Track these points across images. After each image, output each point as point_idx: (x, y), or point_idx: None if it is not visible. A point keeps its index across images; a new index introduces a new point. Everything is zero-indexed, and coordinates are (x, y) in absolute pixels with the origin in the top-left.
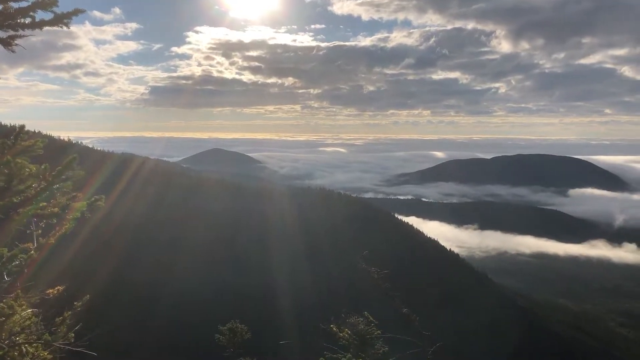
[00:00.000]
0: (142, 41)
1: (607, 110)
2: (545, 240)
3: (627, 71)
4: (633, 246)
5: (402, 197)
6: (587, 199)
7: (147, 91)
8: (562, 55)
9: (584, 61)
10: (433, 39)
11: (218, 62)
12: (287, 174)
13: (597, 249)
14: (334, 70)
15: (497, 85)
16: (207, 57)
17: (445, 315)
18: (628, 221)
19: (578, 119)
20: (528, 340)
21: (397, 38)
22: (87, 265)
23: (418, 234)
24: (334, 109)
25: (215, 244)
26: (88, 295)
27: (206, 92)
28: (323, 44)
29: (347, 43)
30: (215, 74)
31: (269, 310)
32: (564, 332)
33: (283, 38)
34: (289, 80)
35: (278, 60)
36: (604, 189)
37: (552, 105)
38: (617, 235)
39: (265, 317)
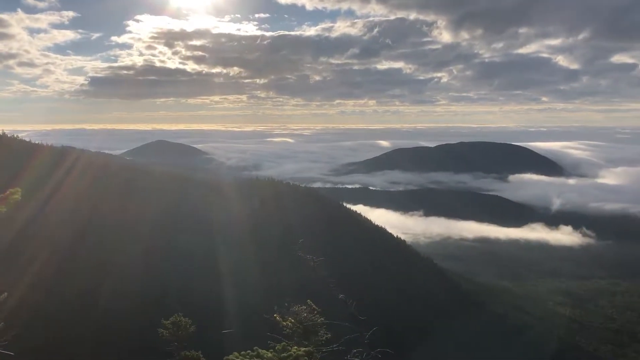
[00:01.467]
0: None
1: (544, 98)
2: (487, 225)
3: (561, 60)
4: (569, 228)
5: (350, 186)
6: (526, 184)
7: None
8: (500, 45)
9: (522, 51)
10: (377, 29)
11: (160, 52)
12: (235, 165)
13: (536, 232)
14: (280, 59)
15: (439, 74)
16: (149, 47)
17: (392, 301)
18: (564, 205)
19: (517, 107)
20: (473, 322)
21: (341, 28)
22: (24, 262)
23: (366, 222)
24: (281, 99)
25: (159, 238)
26: (6, 294)
27: (149, 82)
28: (268, 34)
29: (292, 32)
30: (157, 64)
31: (215, 303)
32: (507, 313)
33: (227, 27)
34: (234, 70)
35: (222, 50)
36: (541, 174)
37: (492, 94)
38: (554, 218)
39: (211, 309)
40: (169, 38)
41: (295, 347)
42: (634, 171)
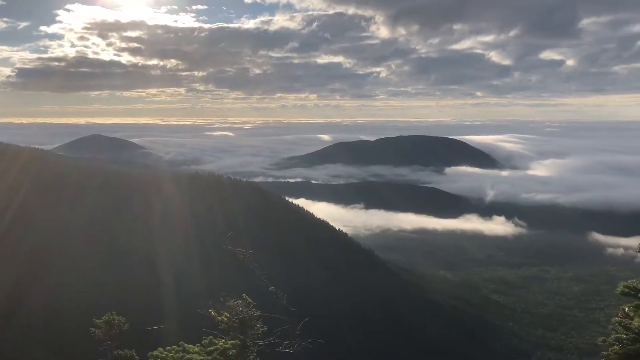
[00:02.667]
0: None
1: (478, 93)
2: (425, 216)
3: (494, 56)
4: (502, 219)
5: (291, 180)
6: (462, 176)
7: (14, 73)
8: (436, 40)
9: (456, 47)
10: (316, 23)
11: (94, 43)
12: (173, 159)
13: (471, 223)
14: (219, 52)
15: (378, 69)
16: (81, 38)
17: (335, 292)
18: (497, 196)
19: (452, 102)
20: (413, 311)
21: (280, 21)
22: None
23: (307, 215)
24: (221, 92)
25: (94, 235)
26: None
27: (81, 74)
28: (206, 26)
29: (230, 25)
30: (90, 56)
31: (152, 300)
32: (445, 302)
33: (163, 18)
34: (172, 63)
35: (159, 42)
36: (476, 166)
37: (429, 89)
38: (488, 209)
39: (147, 306)
40: (103, 29)
41: (223, 340)
42: (562, 163)
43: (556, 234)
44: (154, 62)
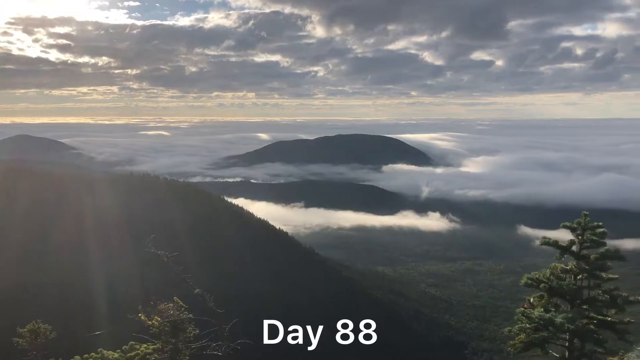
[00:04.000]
0: None
1: (413, 93)
2: (363, 213)
3: (427, 57)
4: (437, 214)
5: (230, 180)
6: (398, 174)
7: None
8: (371, 40)
9: (391, 47)
10: (252, 22)
11: (18, 39)
12: (106, 160)
13: (407, 219)
14: (152, 50)
15: (316, 68)
16: (5, 33)
17: (276, 291)
18: (432, 192)
19: (389, 101)
20: (354, 307)
21: (215, 19)
22: None
23: (247, 215)
24: (155, 91)
25: (22, 238)
26: None
27: (6, 72)
28: (139, 23)
29: (164, 22)
30: (15, 52)
31: (81, 305)
32: (384, 297)
33: (94, 14)
34: (103, 60)
35: (89, 38)
36: (412, 164)
37: (365, 88)
38: (423, 206)
39: (77, 313)
40: (28, 24)
41: (145, 345)
42: (492, 160)
43: (488, 229)
44: (84, 59)
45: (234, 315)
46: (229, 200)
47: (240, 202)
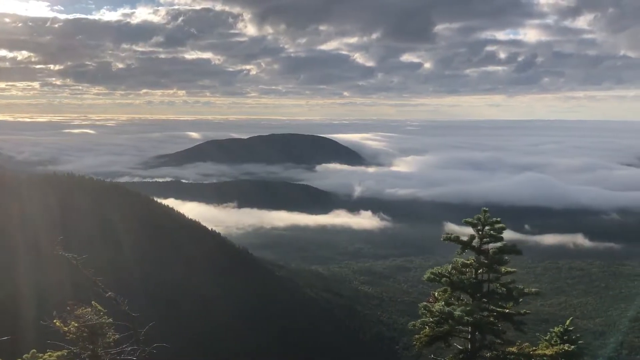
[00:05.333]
0: None
1: (346, 93)
2: (297, 213)
3: (358, 58)
4: (369, 213)
5: (160, 180)
6: (331, 173)
7: None
8: (304, 40)
9: (323, 47)
10: (181, 18)
11: None
12: (27, 159)
13: (340, 218)
14: (77, 45)
15: (248, 67)
16: None
17: (209, 293)
18: (364, 191)
19: (322, 101)
20: (287, 307)
21: (143, 14)
22: None
23: (178, 216)
24: (80, 87)
25: None
26: None
27: None
28: (62, 16)
29: (89, 16)
30: None
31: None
32: (318, 295)
33: (11, 6)
34: (23, 55)
35: (6, 31)
36: (344, 163)
37: (299, 88)
38: (356, 204)
39: None
40: None
41: (50, 352)
42: (421, 159)
43: (417, 226)
44: (1, 53)
45: (166, 319)
46: (159, 200)
47: (170, 202)
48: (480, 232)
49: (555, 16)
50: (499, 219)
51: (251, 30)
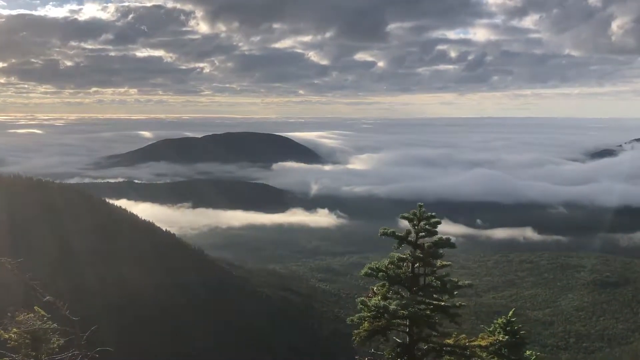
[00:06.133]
0: None
1: (301, 91)
2: (253, 212)
3: (313, 56)
4: (325, 211)
5: (112, 180)
6: (288, 171)
7: None
8: (258, 38)
9: (278, 45)
10: (131, 15)
11: None
12: None
13: (297, 216)
14: (21, 42)
15: (201, 65)
16: None
17: (165, 294)
18: (321, 189)
19: (277, 99)
20: (245, 307)
21: (91, 11)
22: None
23: (131, 217)
24: (26, 86)
25: None
26: None
27: None
28: (4, 12)
29: (34, 13)
30: None
31: None
32: (275, 294)
33: None
34: None
35: None
36: (301, 162)
37: (254, 86)
38: (312, 202)
39: None
40: None
41: None
42: (376, 157)
43: (373, 223)
44: None
45: (119, 321)
46: (111, 201)
47: (123, 203)
48: (416, 227)
49: (503, 16)
50: (434, 214)
51: (204, 28)
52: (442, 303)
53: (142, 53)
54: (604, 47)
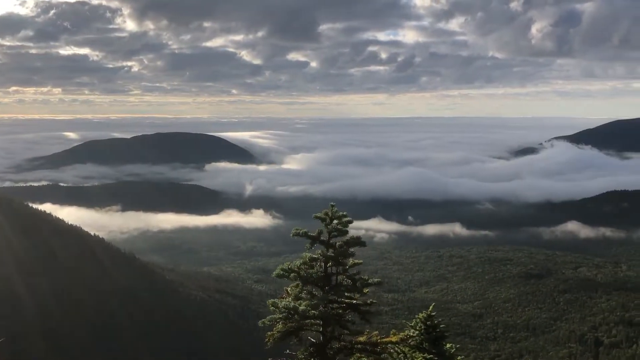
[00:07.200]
0: None
1: (234, 91)
2: (186, 214)
3: (245, 55)
4: (260, 211)
5: (35, 184)
6: (221, 172)
7: None
8: (188, 37)
9: (209, 44)
10: (53, 11)
11: None
12: None
13: (231, 217)
14: None
15: (130, 63)
16: None
17: (95, 300)
18: (255, 190)
19: (209, 99)
20: (180, 311)
21: (8, 6)
22: None
23: (56, 222)
24: None
25: None
26: None
27: None
28: None
29: None
30: None
31: None
32: (210, 297)
33: None
34: None
35: None
36: (234, 162)
37: (184, 85)
38: (247, 203)
39: None
40: None
41: None
42: (311, 157)
43: (309, 223)
44: None
45: (44, 330)
46: (34, 206)
47: (47, 207)
48: (328, 227)
49: (431, 18)
50: (345, 213)
51: (131, 25)
52: (354, 301)
53: (66, 51)
54: (525, 49)
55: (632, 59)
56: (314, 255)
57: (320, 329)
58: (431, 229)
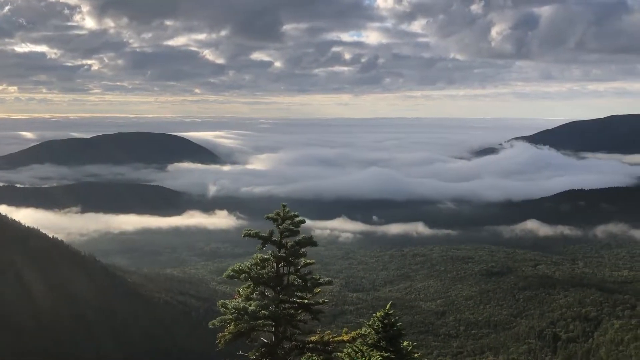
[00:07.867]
0: None
1: (197, 90)
2: (148, 216)
3: (208, 55)
4: (224, 212)
5: None
6: (184, 172)
7: None
8: (149, 35)
9: (171, 43)
10: (8, 7)
11: None
12: None
13: (195, 218)
14: None
15: (89, 62)
16: None
17: (53, 305)
18: (219, 190)
19: (172, 98)
20: (143, 314)
21: None
22: None
23: (12, 224)
24: None
25: None
26: None
27: None
28: None
29: None
30: None
31: None
32: (173, 299)
33: None
34: None
35: None
36: (198, 162)
37: (146, 84)
38: (211, 204)
39: None
40: None
41: None
42: (275, 157)
43: (272, 224)
44: None
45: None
46: None
47: (2, 209)
48: (280, 227)
49: (394, 20)
50: (297, 213)
51: (90, 23)
52: (305, 301)
53: (22, 48)
54: (486, 51)
55: (588, 62)
56: (265, 256)
57: (273, 330)
58: (395, 229)
